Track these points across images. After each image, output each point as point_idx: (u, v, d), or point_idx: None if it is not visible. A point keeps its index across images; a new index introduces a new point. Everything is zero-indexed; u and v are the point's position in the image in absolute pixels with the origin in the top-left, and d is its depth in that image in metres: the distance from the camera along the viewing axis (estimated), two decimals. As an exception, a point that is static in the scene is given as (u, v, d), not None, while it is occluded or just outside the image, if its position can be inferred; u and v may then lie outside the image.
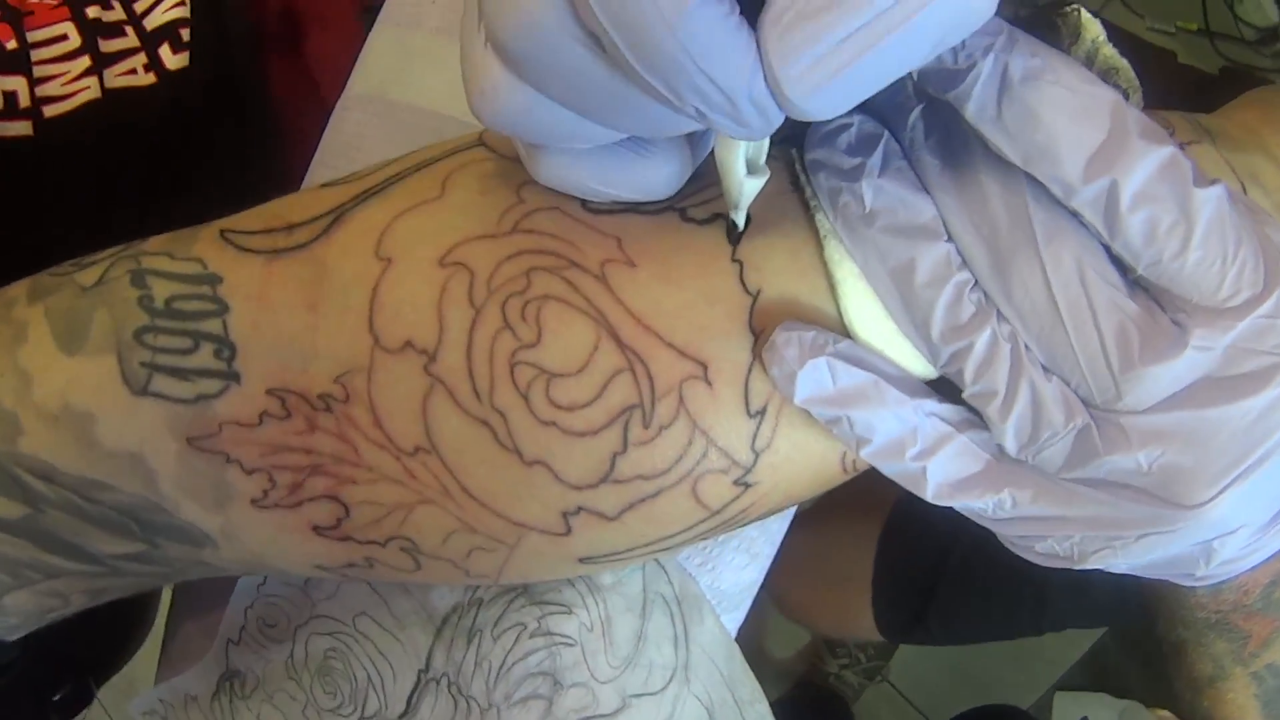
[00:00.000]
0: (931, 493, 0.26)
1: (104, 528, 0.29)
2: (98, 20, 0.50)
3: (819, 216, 0.28)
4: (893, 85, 0.25)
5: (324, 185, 0.31)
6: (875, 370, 0.26)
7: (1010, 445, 0.26)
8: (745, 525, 0.32)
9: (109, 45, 0.50)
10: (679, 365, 0.27)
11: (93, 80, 0.49)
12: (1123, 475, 0.25)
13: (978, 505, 0.26)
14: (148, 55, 0.52)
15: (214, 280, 0.28)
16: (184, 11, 0.53)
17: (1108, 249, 0.24)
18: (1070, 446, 0.25)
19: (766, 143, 0.25)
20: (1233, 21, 1.26)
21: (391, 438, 0.27)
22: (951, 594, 0.71)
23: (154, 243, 0.30)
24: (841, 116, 0.27)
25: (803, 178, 0.29)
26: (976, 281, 0.26)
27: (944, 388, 0.27)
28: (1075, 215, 0.24)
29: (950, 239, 0.26)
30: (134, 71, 0.51)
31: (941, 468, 0.26)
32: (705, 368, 0.27)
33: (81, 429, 0.27)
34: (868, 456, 0.26)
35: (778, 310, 0.28)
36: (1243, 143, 0.35)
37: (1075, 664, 0.76)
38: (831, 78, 0.19)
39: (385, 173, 0.30)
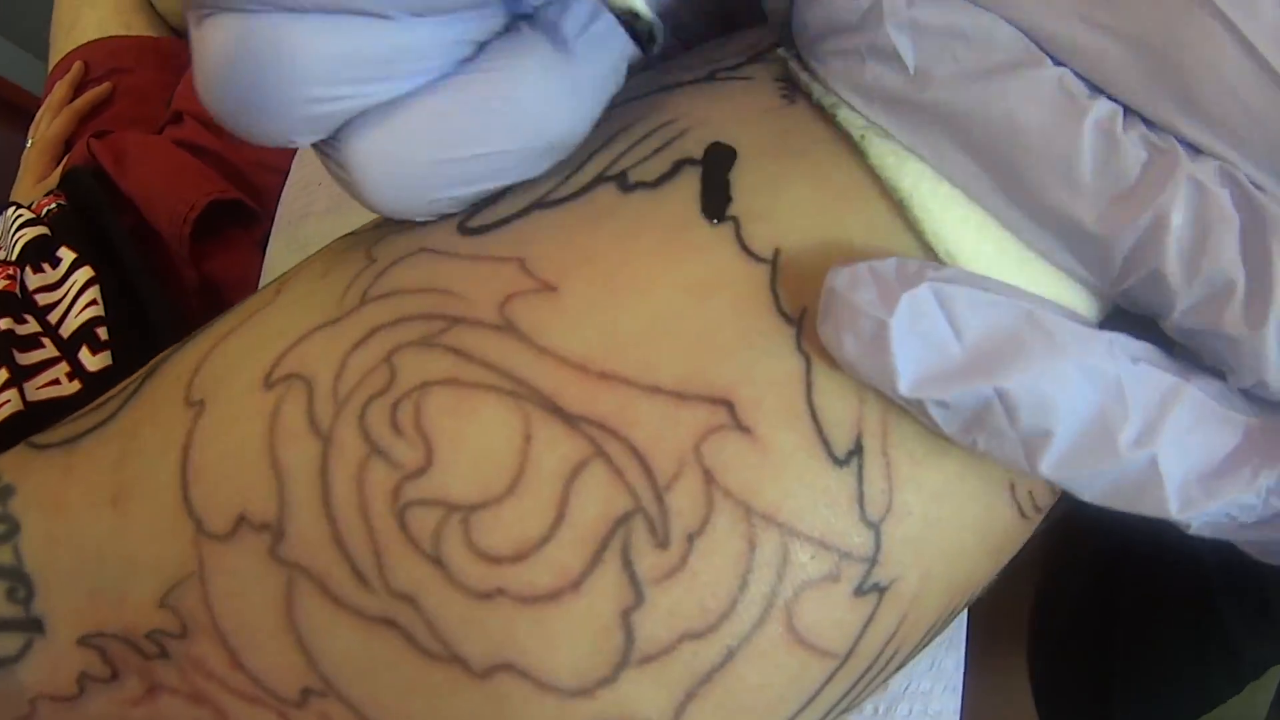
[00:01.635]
0: (1177, 503, 0.16)
1: None
2: (10, 332, 0.50)
3: (842, 115, 0.19)
4: None
5: None
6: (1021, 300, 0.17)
7: (1276, 374, 0.16)
8: (900, 667, 0.21)
9: (26, 358, 0.50)
10: (682, 417, 0.17)
11: (13, 393, 0.49)
12: None
13: (1245, 500, 0.16)
14: (69, 363, 0.52)
15: (6, 494, 0.20)
16: (98, 310, 0.53)
17: None
18: None
19: None
20: None
21: (262, 681, 0.18)
22: (1130, 691, 0.63)
23: None
24: None
25: (804, 76, 0.20)
26: (1126, 107, 0.16)
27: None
28: None
29: (1057, 62, 0.17)
30: (56, 382, 0.51)
31: (1181, 448, 0.16)
32: (729, 405, 0.17)
33: None
34: (1054, 468, 0.16)
35: (818, 272, 0.18)
36: None
37: (1271, 706, 0.67)
38: None
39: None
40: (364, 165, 0.18)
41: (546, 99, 0.18)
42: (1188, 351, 0.17)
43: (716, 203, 0.19)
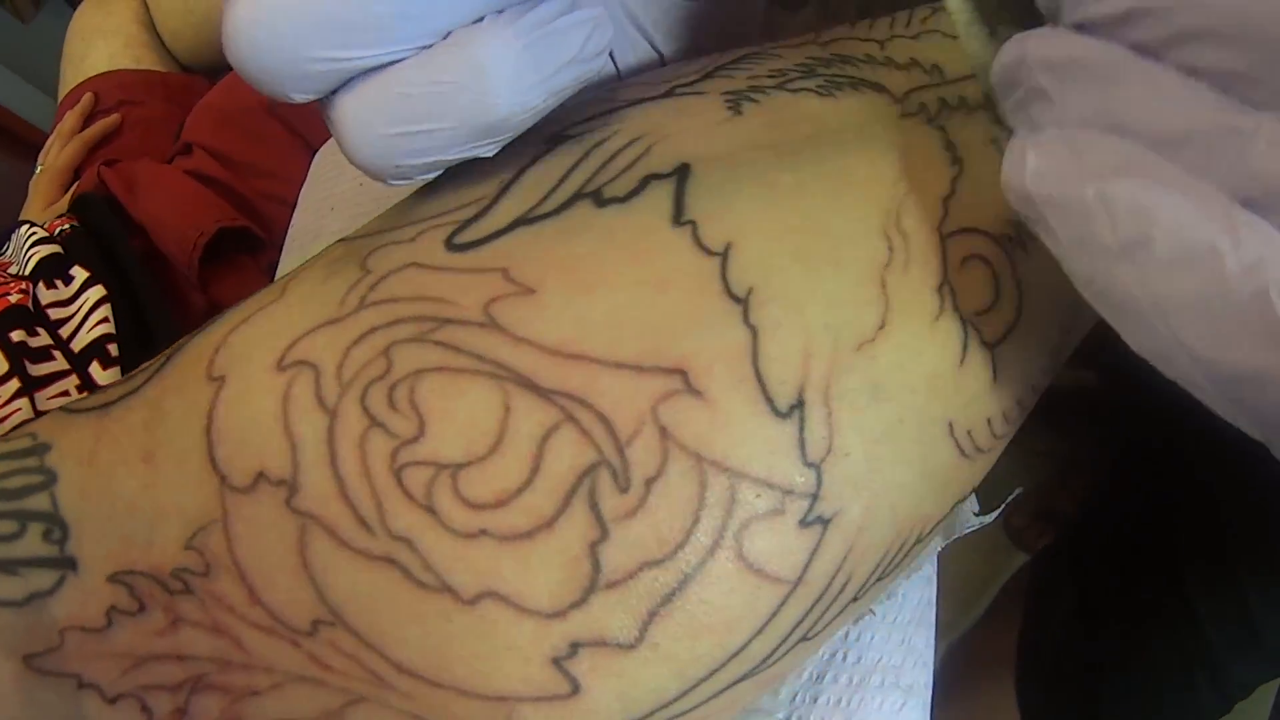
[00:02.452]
0: None
1: None
2: (23, 343, 0.52)
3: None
4: None
5: None
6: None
7: None
8: (856, 599, 0.24)
9: (38, 369, 0.52)
10: (641, 385, 0.20)
11: (24, 402, 0.50)
12: None
13: None
14: (79, 376, 0.53)
15: (42, 450, 0.23)
16: (109, 327, 0.55)
17: None
18: None
19: None
20: None
21: (277, 614, 0.21)
22: (1117, 714, 0.64)
23: None
24: None
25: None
26: None
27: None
28: None
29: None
30: (66, 394, 0.53)
31: None
32: (683, 373, 0.20)
33: None
34: (1157, 279, 0.15)
35: (767, 257, 0.22)
36: None
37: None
38: None
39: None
40: (343, 126, 0.21)
41: (488, 85, 0.21)
42: None
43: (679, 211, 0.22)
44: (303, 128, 0.69)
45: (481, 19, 0.21)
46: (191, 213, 0.61)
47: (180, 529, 0.21)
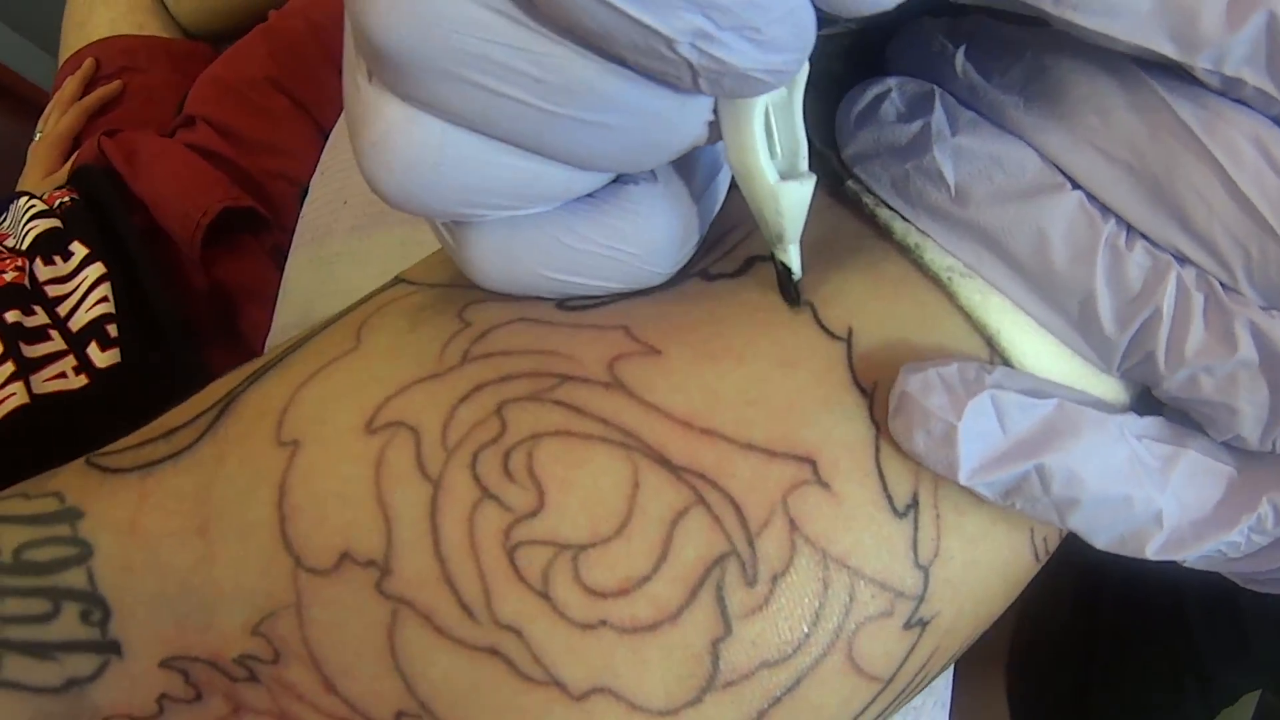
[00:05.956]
0: (1166, 542, 0.18)
1: None
2: (18, 324, 0.50)
3: (894, 223, 0.21)
4: (920, 37, 0.21)
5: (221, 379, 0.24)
6: (1053, 395, 0.19)
7: (1250, 429, 0.19)
8: (921, 689, 0.23)
9: (33, 350, 0.50)
10: (773, 472, 0.19)
11: (18, 386, 0.48)
12: None
13: (1230, 539, 0.19)
14: (76, 357, 0.52)
15: (73, 516, 0.21)
16: (108, 307, 0.53)
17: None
18: None
19: (803, 137, 0.19)
20: None
21: (356, 705, 0.19)
22: (1107, 717, 0.64)
23: (13, 488, 0.23)
24: (872, 83, 0.21)
25: (852, 184, 0.22)
26: (1130, 227, 0.19)
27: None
28: (1221, 94, 0.18)
29: (1075, 185, 0.19)
30: (63, 375, 0.51)
31: (1180, 503, 0.19)
32: (813, 463, 0.19)
33: None
34: (1081, 523, 0.19)
35: (886, 351, 0.20)
36: None
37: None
38: None
39: (285, 345, 0.23)
40: (479, 255, 0.19)
41: (660, 259, 0.20)
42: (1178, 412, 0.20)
43: (793, 292, 0.21)
44: (309, 103, 0.67)
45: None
46: (194, 190, 0.58)
47: (245, 613, 0.19)
